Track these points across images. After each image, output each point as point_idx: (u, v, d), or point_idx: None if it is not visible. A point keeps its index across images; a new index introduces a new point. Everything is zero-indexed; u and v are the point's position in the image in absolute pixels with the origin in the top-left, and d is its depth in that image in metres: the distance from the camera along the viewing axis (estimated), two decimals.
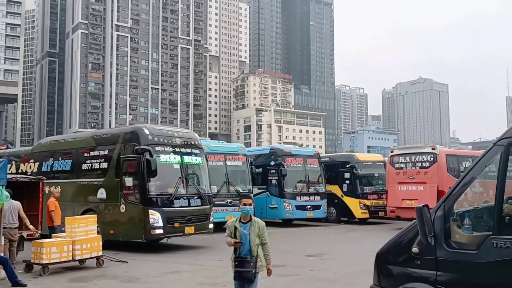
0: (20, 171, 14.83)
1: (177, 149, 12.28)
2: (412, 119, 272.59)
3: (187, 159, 12.44)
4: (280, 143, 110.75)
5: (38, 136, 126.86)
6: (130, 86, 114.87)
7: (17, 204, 9.61)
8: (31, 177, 11.94)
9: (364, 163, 19.94)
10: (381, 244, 4.42)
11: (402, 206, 16.28)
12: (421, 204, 3.68)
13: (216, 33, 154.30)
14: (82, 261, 9.67)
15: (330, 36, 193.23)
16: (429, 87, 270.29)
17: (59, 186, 13.00)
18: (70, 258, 9.35)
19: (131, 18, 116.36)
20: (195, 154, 12.81)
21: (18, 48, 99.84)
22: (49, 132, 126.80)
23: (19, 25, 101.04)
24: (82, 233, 9.63)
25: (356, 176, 19.15)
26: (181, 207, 11.92)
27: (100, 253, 9.90)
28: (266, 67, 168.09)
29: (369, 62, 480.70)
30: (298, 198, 18.07)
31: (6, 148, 17.39)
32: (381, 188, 19.24)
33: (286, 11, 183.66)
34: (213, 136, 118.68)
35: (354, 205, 19.16)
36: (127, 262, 10.20)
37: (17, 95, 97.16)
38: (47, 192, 13.00)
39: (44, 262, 8.91)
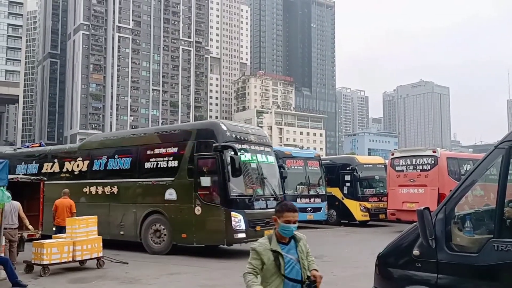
0: (65, 170, 14.17)
1: (252, 147, 11.53)
2: (413, 122, 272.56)
3: (261, 157, 11.70)
4: (281, 145, 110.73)
5: (39, 137, 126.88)
6: (131, 87, 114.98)
7: (17, 204, 9.63)
8: (32, 177, 11.94)
9: (364, 166, 19.94)
10: (381, 246, 4.42)
11: (402, 209, 16.28)
12: (422, 207, 3.68)
13: (217, 34, 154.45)
14: (82, 262, 9.69)
15: (331, 38, 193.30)
16: (430, 90, 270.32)
17: (115, 186, 12.65)
18: (71, 259, 9.38)
19: (132, 20, 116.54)
20: (268, 153, 12.16)
21: (20, 49, 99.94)
22: (50, 133, 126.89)
23: (21, 26, 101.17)
24: (82, 234, 9.65)
25: (356, 178, 19.16)
26: (260, 209, 11.11)
27: (101, 254, 9.92)
28: (267, 69, 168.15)
29: (370, 64, 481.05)
30: (298, 200, 18.09)
31: (39, 146, 16.72)
32: (381, 191, 19.25)
33: (288, 13, 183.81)
34: None
35: (354, 207, 19.16)
36: (127, 263, 10.21)
37: (18, 96, 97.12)
38: (94, 193, 12.96)
39: (45, 262, 8.93)
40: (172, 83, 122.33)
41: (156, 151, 11.96)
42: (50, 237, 10.13)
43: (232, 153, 10.55)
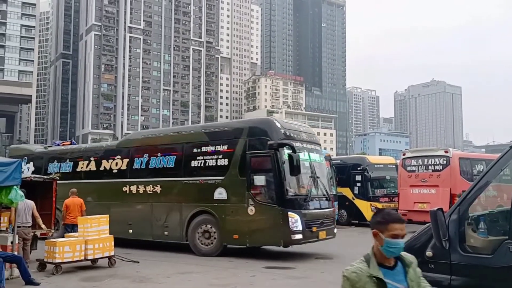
0: (102, 168, 13.70)
1: (304, 145, 11.12)
2: (425, 122, 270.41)
3: (313, 156, 11.28)
4: None
5: (51, 136, 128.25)
6: (142, 87, 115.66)
7: (31, 203, 9.75)
8: (45, 177, 12.06)
9: (375, 166, 19.83)
10: None
11: (414, 210, 16.14)
12: (436, 208, 3.64)
13: (227, 35, 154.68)
14: (94, 260, 9.78)
15: (342, 38, 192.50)
16: (442, 89, 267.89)
17: (158, 185, 12.20)
18: (83, 258, 9.47)
19: (143, 20, 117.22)
20: (318, 151, 11.83)
21: (33, 49, 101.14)
22: (62, 132, 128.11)
23: (34, 26, 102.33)
24: (94, 233, 9.74)
25: (367, 178, 19.06)
26: (315, 209, 10.79)
27: (112, 253, 10.00)
28: (278, 69, 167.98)
29: (381, 64, 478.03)
30: None
31: (71, 143, 16.40)
32: (392, 191, 19.11)
33: (298, 13, 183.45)
34: None
35: (365, 207, 19.05)
36: (138, 262, 10.28)
37: (31, 96, 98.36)
38: (134, 192, 12.61)
39: (57, 261, 9.02)
40: (183, 83, 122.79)
41: (204, 149, 11.56)
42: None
43: (290, 151, 10.20)
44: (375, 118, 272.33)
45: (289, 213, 10.07)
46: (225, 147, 11.21)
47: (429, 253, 3.73)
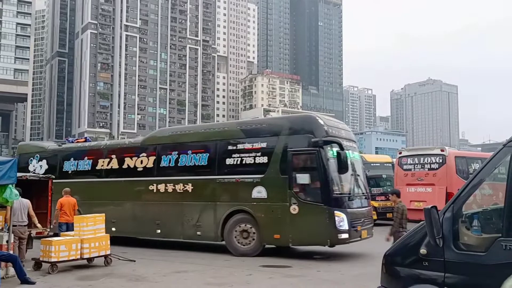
0: (125, 166, 13.08)
1: (345, 143, 10.70)
2: (421, 121, 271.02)
3: (352, 154, 10.97)
4: None
5: (47, 135, 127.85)
6: (138, 86, 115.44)
7: (27, 202, 9.71)
8: (40, 175, 12.02)
9: (372, 164, 19.84)
10: (388, 245, 4.40)
11: (410, 208, 16.12)
12: (430, 206, 3.68)
13: (224, 33, 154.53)
14: (90, 259, 9.75)
15: (339, 37, 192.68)
16: (438, 88, 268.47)
17: (190, 184, 11.75)
18: (79, 257, 9.44)
19: (140, 19, 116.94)
20: (356, 149, 11.61)
21: (28, 47, 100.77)
22: (58, 131, 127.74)
23: (29, 25, 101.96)
24: (90, 232, 9.72)
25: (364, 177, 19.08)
26: (357, 208, 10.56)
27: (108, 252, 9.98)
28: (274, 67, 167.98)
29: (378, 63, 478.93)
30: None
31: (85, 141, 15.74)
32: (389, 190, 19.15)
33: (295, 11, 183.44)
34: None
35: None
36: (134, 261, 10.27)
37: (27, 94, 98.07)
38: (162, 191, 12.10)
39: (53, 260, 8.99)
40: (179, 82, 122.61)
41: (240, 146, 11.18)
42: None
43: (337, 148, 10.02)
44: (371, 117, 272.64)
45: (335, 212, 9.83)
46: (263, 144, 10.89)
47: (423, 250, 3.76)
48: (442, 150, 16.25)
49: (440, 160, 15.87)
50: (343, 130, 11.35)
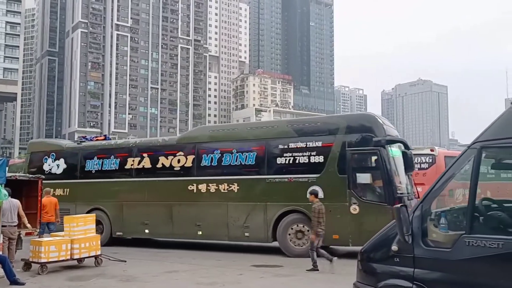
0: (159, 165, 12.55)
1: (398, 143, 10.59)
2: (411, 121, 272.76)
3: (400, 154, 10.66)
4: None
5: (37, 135, 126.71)
6: (129, 85, 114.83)
7: (17, 202, 9.64)
8: (30, 175, 11.93)
9: None
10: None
11: None
12: (399, 204, 3.85)
13: (216, 33, 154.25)
14: (80, 260, 9.70)
15: (330, 37, 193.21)
16: (428, 88, 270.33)
17: (235, 184, 11.39)
18: (69, 257, 9.39)
19: (131, 18, 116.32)
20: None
21: (18, 46, 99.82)
22: (48, 131, 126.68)
23: (19, 23, 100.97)
24: (80, 232, 9.66)
25: None
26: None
27: (99, 252, 9.94)
28: (266, 67, 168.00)
29: (369, 63, 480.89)
30: None
31: (105, 139, 15.12)
32: None
33: (286, 11, 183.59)
34: None
35: None
36: (125, 261, 10.23)
37: (16, 93, 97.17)
38: (204, 191, 11.67)
39: (43, 261, 8.94)
40: (171, 82, 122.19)
41: (292, 145, 10.90)
42: None
43: (401, 148, 9.99)
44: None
45: None
46: (318, 143, 10.67)
47: (394, 247, 3.92)
48: (432, 150, 16.35)
49: (430, 160, 15.97)
50: (394, 129, 11.35)
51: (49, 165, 14.38)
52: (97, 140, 15.07)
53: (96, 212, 12.85)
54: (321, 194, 10.02)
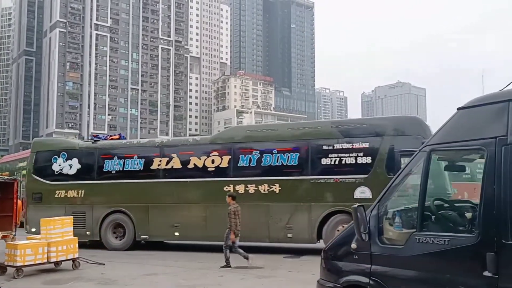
0: (191, 166, 12.08)
1: None
2: None
3: None
4: None
5: (13, 136, 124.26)
6: (109, 86, 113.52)
7: None
8: (5, 177, 11.66)
9: None
10: None
11: None
12: (357, 204, 4.06)
13: (197, 34, 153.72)
14: (57, 263, 9.52)
15: (311, 39, 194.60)
16: (407, 91, 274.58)
17: (277, 184, 11.23)
18: (45, 260, 9.20)
19: (110, 18, 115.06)
20: None
21: None
22: (25, 132, 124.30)
23: None
24: (57, 235, 9.48)
25: None
26: None
27: (76, 255, 9.75)
28: (247, 69, 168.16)
29: (349, 65, 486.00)
30: None
31: (119, 138, 14.43)
32: None
33: (268, 13, 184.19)
34: None
35: None
36: (104, 264, 10.08)
37: None
38: (242, 192, 11.30)
39: (18, 264, 8.74)
40: (151, 82, 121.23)
41: (337, 146, 10.88)
42: None
43: None
44: (343, 118, 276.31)
45: None
46: (365, 145, 10.69)
47: (353, 245, 4.15)
48: None
49: None
50: None
51: (59, 165, 13.35)
52: (111, 139, 14.26)
53: (117, 215, 12.54)
54: (369, 194, 10.17)
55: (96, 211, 12.76)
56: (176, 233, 11.99)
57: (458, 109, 3.88)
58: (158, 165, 12.52)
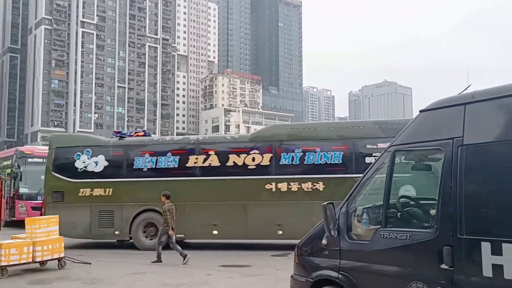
0: (230, 164, 11.97)
1: None
2: None
3: None
4: None
5: None
6: (95, 84, 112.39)
7: None
8: None
9: None
10: None
11: None
12: (326, 202, 4.28)
13: (184, 32, 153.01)
14: (43, 262, 9.44)
15: (299, 38, 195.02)
16: (393, 90, 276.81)
17: (320, 182, 11.37)
18: (30, 260, 9.12)
19: (97, 15, 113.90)
20: None
21: None
22: (9, 130, 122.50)
23: None
24: (43, 234, 9.39)
25: None
26: None
27: (62, 255, 9.68)
28: (235, 67, 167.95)
29: (336, 64, 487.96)
30: None
31: (144, 135, 14.06)
32: None
33: (255, 12, 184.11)
34: None
35: None
36: (90, 263, 10.01)
37: None
38: (284, 190, 11.40)
39: (3, 264, 8.65)
40: (138, 81, 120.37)
41: (381, 145, 10.73)
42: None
43: None
44: (330, 117, 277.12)
45: None
46: None
47: (324, 241, 4.38)
48: None
49: None
50: None
51: (83, 162, 12.78)
52: (137, 136, 13.87)
53: (149, 213, 12.32)
54: (413, 193, 10.19)
55: (126, 210, 12.35)
56: (215, 232, 11.84)
57: (420, 111, 4.09)
58: (194, 162, 12.32)
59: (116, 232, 12.45)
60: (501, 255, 3.12)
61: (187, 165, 12.34)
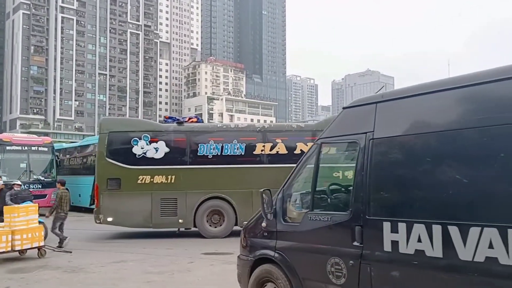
0: (298, 151, 11.89)
1: None
2: None
3: None
4: None
5: None
6: (76, 71, 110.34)
7: None
8: None
9: None
10: None
11: None
12: (263, 189, 4.76)
13: (167, 19, 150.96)
14: (22, 251, 9.35)
15: (282, 26, 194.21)
16: (376, 79, 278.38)
17: None
18: (10, 249, 9.04)
19: (77, 0, 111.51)
20: None
21: None
22: None
23: None
24: (22, 223, 9.29)
25: None
26: None
27: (42, 243, 9.60)
28: (218, 55, 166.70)
29: (320, 53, 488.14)
30: None
31: (197, 121, 13.73)
32: None
33: None
34: None
35: None
36: (71, 252, 9.96)
37: None
38: (349, 177, 10.70)
39: None
40: (120, 68, 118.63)
41: None
42: None
43: None
44: (314, 106, 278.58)
45: None
46: None
47: (263, 224, 4.88)
48: None
49: None
50: None
51: (141, 147, 12.32)
52: (191, 121, 13.41)
53: (214, 201, 12.17)
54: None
55: (191, 197, 12.14)
56: None
57: (343, 108, 4.65)
58: (262, 150, 12.35)
59: (180, 221, 12.20)
60: (397, 233, 3.62)
61: (254, 152, 12.38)
